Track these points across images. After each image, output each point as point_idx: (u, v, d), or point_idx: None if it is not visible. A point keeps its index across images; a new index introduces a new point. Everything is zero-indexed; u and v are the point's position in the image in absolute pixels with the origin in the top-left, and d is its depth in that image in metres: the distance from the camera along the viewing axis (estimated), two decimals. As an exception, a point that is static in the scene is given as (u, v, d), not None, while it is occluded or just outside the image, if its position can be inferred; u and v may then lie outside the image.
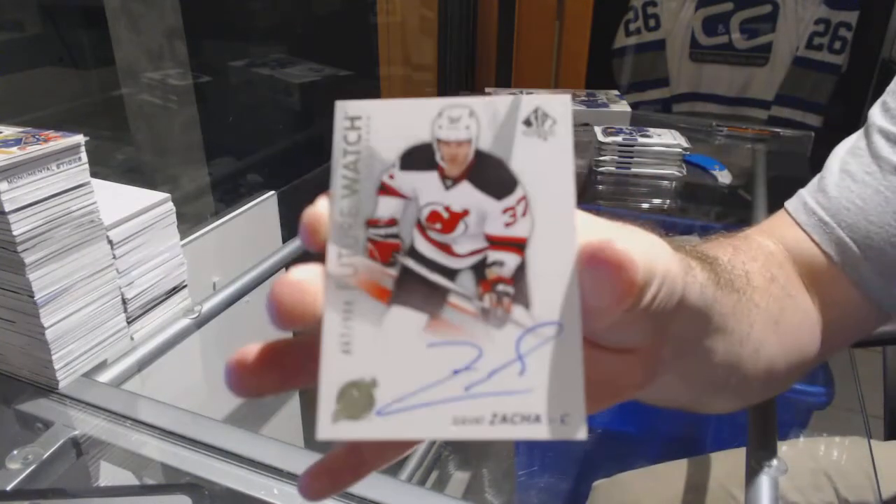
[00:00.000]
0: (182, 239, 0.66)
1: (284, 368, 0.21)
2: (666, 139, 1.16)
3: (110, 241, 0.57)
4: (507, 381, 0.20)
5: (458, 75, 1.72)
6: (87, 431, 0.52)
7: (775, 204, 0.50)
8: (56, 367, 0.54)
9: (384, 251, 0.21)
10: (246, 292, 0.75)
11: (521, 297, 0.20)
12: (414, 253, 0.21)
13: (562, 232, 0.20)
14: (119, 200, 0.61)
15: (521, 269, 0.20)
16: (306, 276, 0.20)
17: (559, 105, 0.21)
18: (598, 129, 1.18)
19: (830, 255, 0.44)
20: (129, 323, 0.61)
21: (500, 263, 0.20)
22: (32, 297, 0.52)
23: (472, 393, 0.19)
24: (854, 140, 0.47)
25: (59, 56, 1.07)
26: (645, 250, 0.22)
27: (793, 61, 1.85)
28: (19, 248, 0.50)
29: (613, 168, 1.16)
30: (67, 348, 0.55)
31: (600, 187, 1.16)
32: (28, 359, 0.55)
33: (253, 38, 1.43)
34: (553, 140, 0.21)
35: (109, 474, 0.55)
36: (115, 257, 0.58)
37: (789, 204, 0.48)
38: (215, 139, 1.24)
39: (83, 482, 0.54)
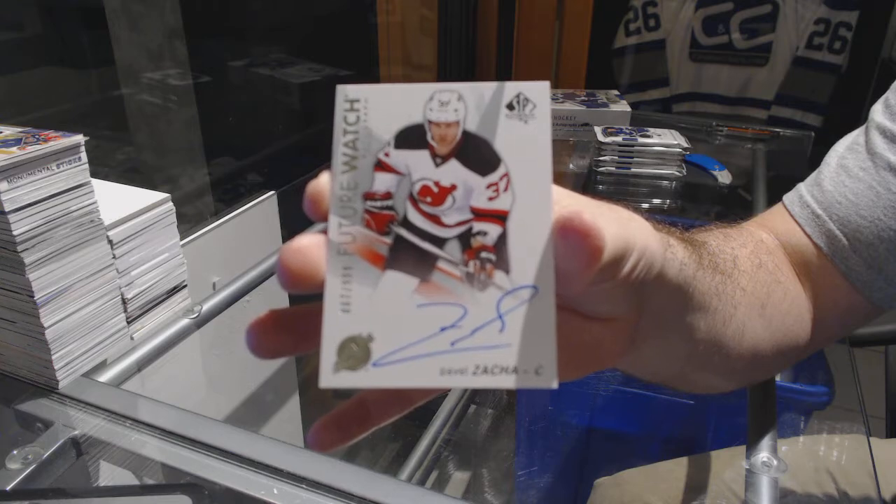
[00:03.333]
0: (182, 239, 0.66)
1: (297, 332, 0.24)
2: (666, 139, 1.16)
3: (110, 241, 0.57)
4: (489, 337, 0.22)
5: (458, 75, 1.72)
6: (87, 431, 0.52)
7: (775, 204, 0.50)
8: (56, 367, 0.54)
9: (380, 221, 0.23)
10: (246, 292, 0.75)
11: (502, 263, 0.22)
12: (407, 223, 0.23)
13: (539, 205, 0.22)
14: (119, 200, 0.61)
15: (502, 239, 0.22)
16: (310, 244, 0.22)
17: (539, 91, 0.23)
18: (598, 129, 1.18)
19: (821, 246, 0.45)
20: (129, 323, 0.61)
21: (483, 233, 0.23)
22: (32, 297, 0.52)
23: (458, 347, 0.22)
24: (854, 136, 0.48)
25: (59, 56, 1.07)
26: (623, 225, 0.24)
27: (793, 61, 1.85)
28: (19, 248, 0.50)
29: (613, 168, 1.16)
30: (67, 348, 0.55)
31: (600, 187, 1.16)
32: (28, 359, 0.55)
33: (253, 38, 1.43)
34: (533, 123, 0.23)
35: (109, 474, 0.55)
36: (115, 257, 0.58)
37: (786, 197, 0.49)
38: (215, 139, 1.24)
39: (83, 482, 0.54)
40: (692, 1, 1.88)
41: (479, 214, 0.23)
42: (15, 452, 0.49)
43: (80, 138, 0.52)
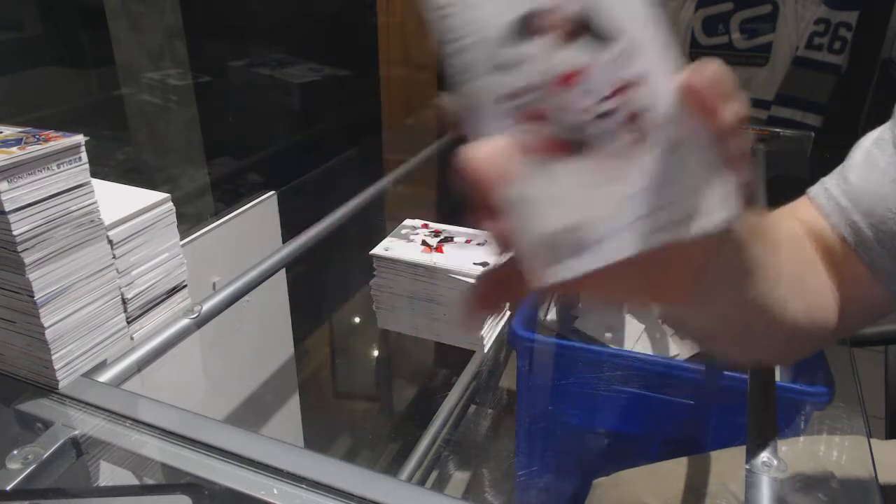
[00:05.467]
0: (182, 239, 0.66)
1: (504, 286, 0.27)
2: (666, 139, 1.16)
3: (110, 241, 0.57)
4: (663, 195, 0.23)
5: (458, 75, 1.72)
6: (87, 431, 0.52)
7: (775, 204, 0.51)
8: (56, 367, 0.54)
9: (532, 116, 0.23)
10: (246, 292, 0.75)
11: (651, 127, 0.23)
12: (556, 112, 0.23)
13: (665, 65, 0.23)
14: (119, 200, 0.61)
15: (643, 103, 0.23)
16: (492, 150, 0.23)
17: None
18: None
19: (845, 236, 0.46)
20: (129, 323, 0.61)
21: (627, 103, 0.23)
22: (32, 297, 0.52)
23: (641, 214, 0.24)
24: (879, 132, 0.49)
25: (59, 56, 1.07)
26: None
27: (793, 61, 1.85)
28: (19, 248, 0.50)
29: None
30: (67, 348, 0.55)
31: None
32: (28, 359, 0.55)
33: (253, 38, 1.43)
34: None
35: (109, 474, 0.55)
36: (115, 257, 0.58)
37: (811, 189, 0.50)
38: (215, 139, 1.24)
39: (83, 482, 0.54)
40: (692, 1, 1.88)
41: (617, 87, 0.23)
42: (15, 452, 0.49)
43: (80, 138, 0.52)
